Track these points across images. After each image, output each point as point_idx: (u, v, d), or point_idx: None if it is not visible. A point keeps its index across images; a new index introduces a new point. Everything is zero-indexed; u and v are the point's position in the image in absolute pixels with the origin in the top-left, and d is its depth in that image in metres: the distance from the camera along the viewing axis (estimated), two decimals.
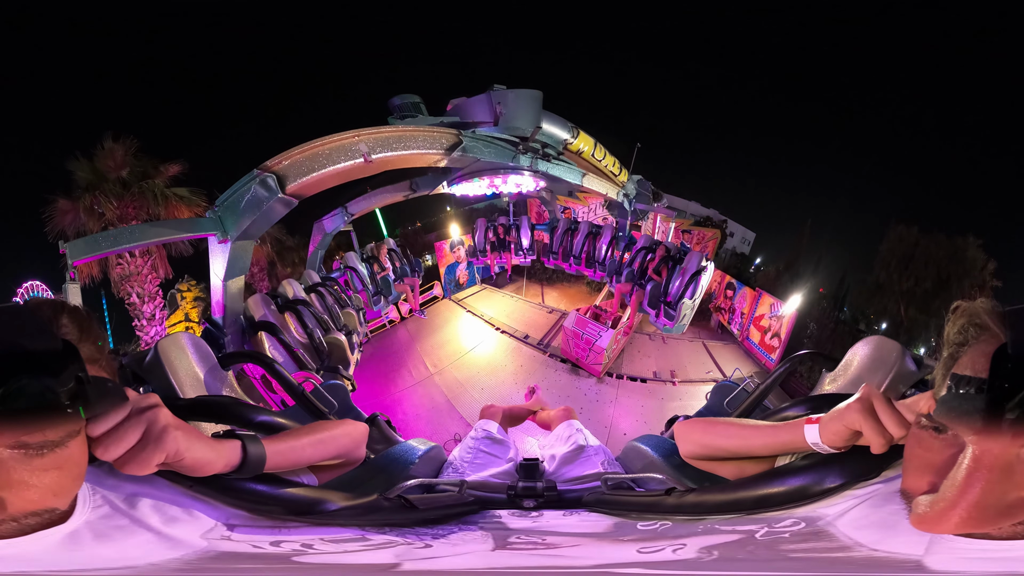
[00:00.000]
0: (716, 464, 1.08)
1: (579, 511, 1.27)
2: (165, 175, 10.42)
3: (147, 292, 10.81)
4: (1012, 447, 0.45)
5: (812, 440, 0.80)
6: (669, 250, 7.18)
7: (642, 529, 0.96)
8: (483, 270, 12.35)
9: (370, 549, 0.82)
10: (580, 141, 6.35)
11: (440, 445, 2.06)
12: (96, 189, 9.72)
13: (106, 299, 11.50)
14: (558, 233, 9.22)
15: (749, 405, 2.13)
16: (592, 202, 14.73)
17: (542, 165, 5.41)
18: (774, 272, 16.46)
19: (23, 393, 0.45)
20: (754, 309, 9.59)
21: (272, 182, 3.69)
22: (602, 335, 7.24)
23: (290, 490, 0.89)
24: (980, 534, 0.52)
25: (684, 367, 8.51)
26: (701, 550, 0.76)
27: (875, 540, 0.62)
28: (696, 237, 13.87)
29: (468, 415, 6.39)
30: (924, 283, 16.38)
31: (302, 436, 0.98)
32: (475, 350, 8.50)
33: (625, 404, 7.03)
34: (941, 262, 16.37)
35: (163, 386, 1.80)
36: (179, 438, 0.65)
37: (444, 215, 21.34)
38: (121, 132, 10.00)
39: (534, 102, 5.57)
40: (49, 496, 0.51)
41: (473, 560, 0.86)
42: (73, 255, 3.21)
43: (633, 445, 1.88)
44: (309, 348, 4.65)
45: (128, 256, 10.40)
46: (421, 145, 4.21)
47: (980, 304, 0.58)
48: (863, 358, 1.76)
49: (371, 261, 7.89)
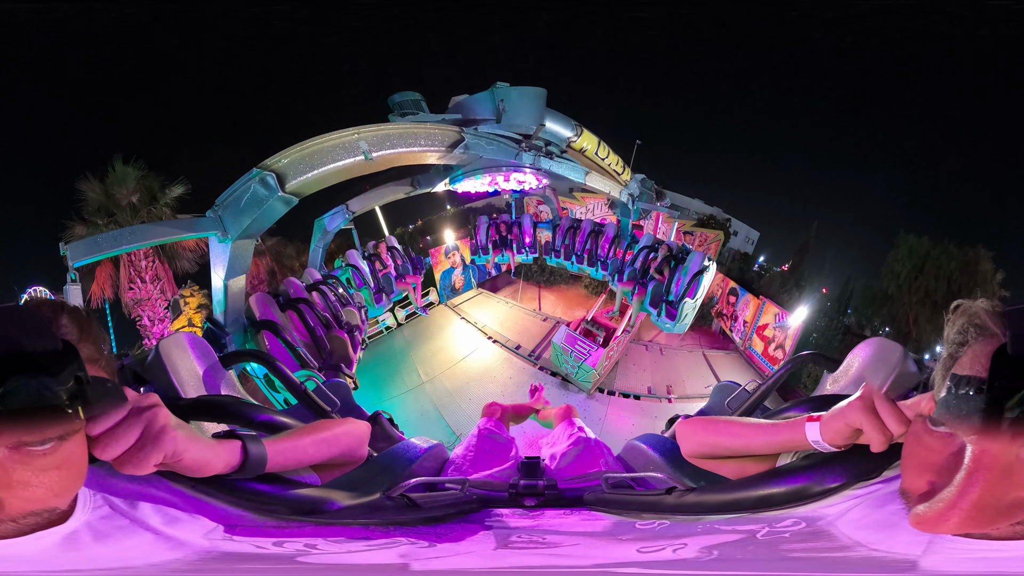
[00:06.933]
0: (717, 463, 1.08)
1: (580, 510, 1.27)
2: (171, 196, 11.51)
3: (156, 316, 12.10)
4: (1011, 447, 0.45)
5: (813, 438, 0.80)
6: (671, 249, 7.17)
7: (642, 528, 0.96)
8: (479, 273, 12.34)
9: (374, 549, 0.82)
10: (583, 139, 6.34)
11: (442, 443, 2.06)
12: (109, 216, 10.75)
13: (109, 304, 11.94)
14: (560, 231, 9.20)
15: (750, 405, 2.13)
16: (590, 202, 14.71)
17: (545, 163, 5.40)
18: (778, 276, 16.27)
19: (22, 393, 0.45)
20: (757, 318, 9.49)
21: (272, 180, 3.70)
22: (591, 354, 7.15)
23: (293, 490, 0.89)
24: (979, 534, 0.52)
25: (682, 381, 8.39)
26: (701, 550, 0.76)
27: (875, 540, 0.62)
28: (698, 239, 13.82)
29: (455, 424, 6.37)
30: (934, 295, 16.03)
31: (304, 435, 0.98)
32: (467, 359, 8.50)
33: (614, 423, 6.89)
34: (952, 274, 16.08)
35: (165, 386, 1.80)
36: (178, 438, 0.64)
37: (444, 214, 21.35)
38: (131, 155, 11.02)
39: (537, 100, 5.56)
40: (49, 496, 0.51)
41: (476, 560, 0.86)
42: (74, 256, 3.23)
43: (634, 444, 1.88)
44: (311, 346, 4.66)
45: (140, 281, 11.64)
46: (422, 143, 4.21)
47: (980, 304, 0.57)
48: (865, 359, 1.75)
49: (372, 259, 7.89)
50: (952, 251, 16.38)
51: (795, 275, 16.96)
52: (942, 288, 16.03)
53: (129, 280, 11.59)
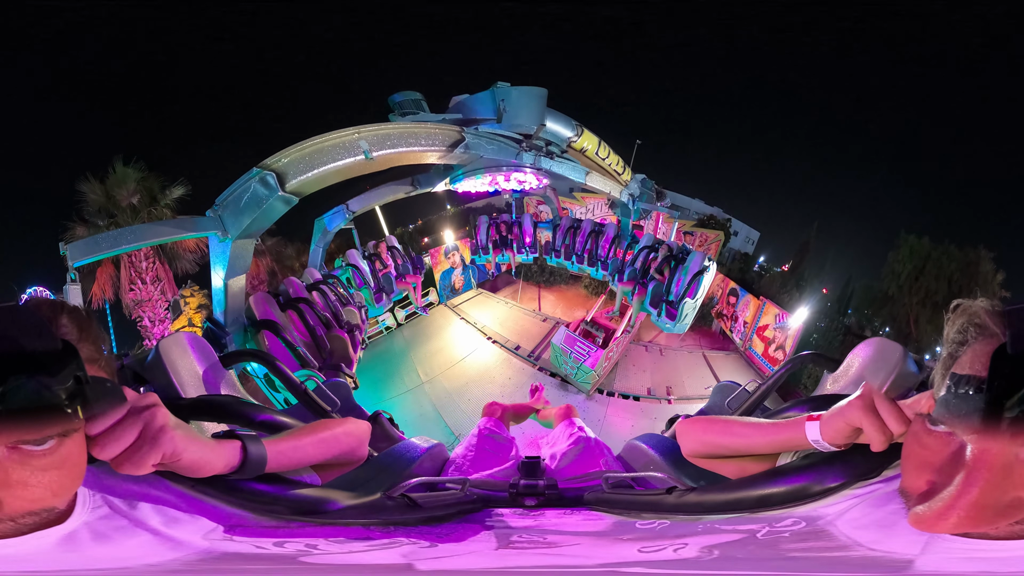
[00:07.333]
0: (717, 462, 1.08)
1: (580, 510, 1.27)
2: (170, 197, 11.58)
3: (157, 317, 12.16)
4: (1011, 447, 0.45)
5: (813, 437, 0.80)
6: (672, 249, 7.16)
7: (643, 528, 0.96)
8: (479, 274, 12.34)
9: (375, 549, 0.82)
10: (584, 139, 6.34)
11: (442, 443, 2.06)
12: (109, 217, 10.84)
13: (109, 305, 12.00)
14: (561, 231, 9.19)
15: (750, 405, 2.13)
16: (590, 202, 14.70)
17: (545, 163, 5.40)
18: (779, 277, 16.23)
19: (22, 392, 0.45)
20: (757, 319, 9.46)
21: (272, 180, 3.70)
22: (590, 355, 7.14)
23: (293, 490, 0.89)
24: (978, 534, 0.52)
25: (682, 382, 8.37)
26: (702, 549, 0.76)
27: (874, 540, 0.62)
28: (699, 239, 13.81)
29: (454, 425, 6.37)
30: (935, 296, 15.96)
31: (304, 435, 0.98)
32: (467, 359, 8.50)
33: (613, 425, 6.87)
34: (952, 275, 16.02)
35: (165, 386, 1.80)
36: (176, 438, 0.64)
37: (444, 214, 21.33)
38: (131, 156, 11.14)
39: (538, 99, 5.55)
40: (48, 496, 0.51)
41: (477, 559, 0.86)
42: (74, 256, 3.22)
43: (634, 444, 1.88)
44: (311, 346, 4.66)
45: (140, 283, 11.72)
46: (423, 142, 4.21)
47: (980, 304, 0.57)
48: (865, 359, 1.75)
49: (372, 258, 7.90)
50: (953, 252, 16.31)
51: (795, 275, 16.93)
52: (943, 289, 15.96)
53: (130, 281, 11.66)
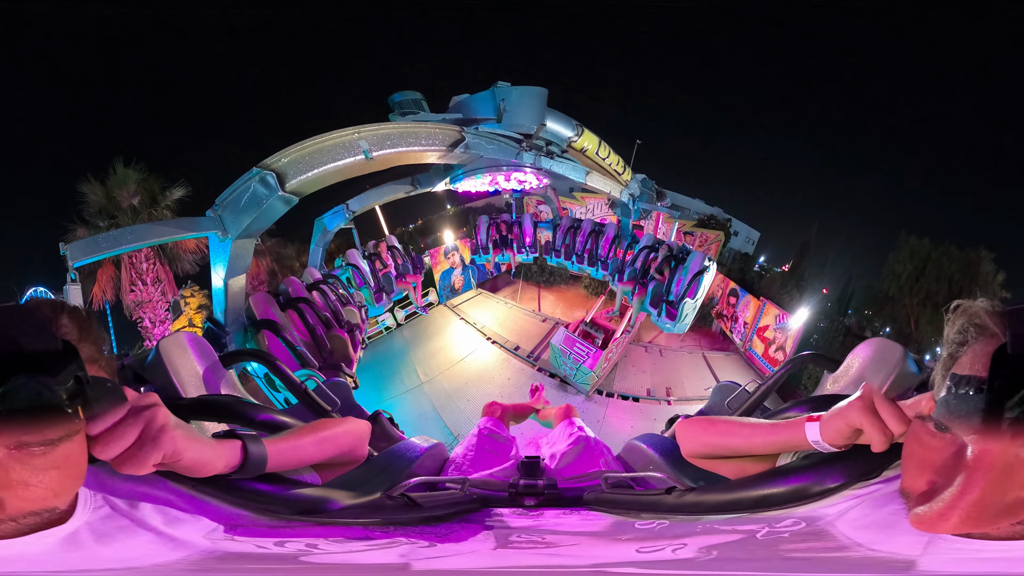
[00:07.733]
0: (717, 463, 1.08)
1: (580, 510, 1.27)
2: (171, 198, 11.62)
3: (158, 318, 12.22)
4: (1011, 447, 0.45)
5: (813, 438, 0.80)
6: (672, 249, 7.16)
7: (642, 528, 0.96)
8: (479, 274, 12.34)
9: (375, 548, 0.82)
10: (584, 139, 6.34)
11: (442, 443, 2.06)
12: (110, 218, 10.90)
13: (110, 306, 12.04)
14: (561, 231, 9.19)
15: (750, 405, 2.13)
16: (590, 202, 14.70)
17: (545, 162, 5.40)
18: (779, 277, 16.23)
19: (22, 393, 0.45)
20: (757, 319, 9.45)
21: (272, 180, 3.70)
22: (590, 356, 7.13)
23: (294, 489, 0.89)
24: (979, 534, 0.52)
25: (681, 383, 8.35)
26: (701, 550, 0.76)
27: (874, 540, 0.62)
28: (699, 239, 13.80)
29: (453, 425, 6.36)
30: (935, 296, 15.95)
31: (304, 435, 0.98)
32: (466, 360, 8.49)
33: (613, 426, 6.86)
34: (953, 275, 16.03)
35: (165, 385, 1.80)
36: (177, 438, 0.64)
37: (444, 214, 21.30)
38: (131, 157, 11.18)
39: (538, 99, 5.55)
40: (49, 496, 0.51)
41: (476, 559, 0.86)
42: (74, 256, 3.22)
43: (633, 444, 1.88)
44: (311, 345, 4.66)
45: (141, 284, 11.76)
46: (423, 142, 4.21)
47: (980, 304, 0.57)
48: (865, 359, 1.75)
49: (373, 258, 7.90)
50: (953, 252, 16.32)
51: (796, 276, 16.93)
52: (943, 289, 15.96)
53: (130, 282, 11.70)
